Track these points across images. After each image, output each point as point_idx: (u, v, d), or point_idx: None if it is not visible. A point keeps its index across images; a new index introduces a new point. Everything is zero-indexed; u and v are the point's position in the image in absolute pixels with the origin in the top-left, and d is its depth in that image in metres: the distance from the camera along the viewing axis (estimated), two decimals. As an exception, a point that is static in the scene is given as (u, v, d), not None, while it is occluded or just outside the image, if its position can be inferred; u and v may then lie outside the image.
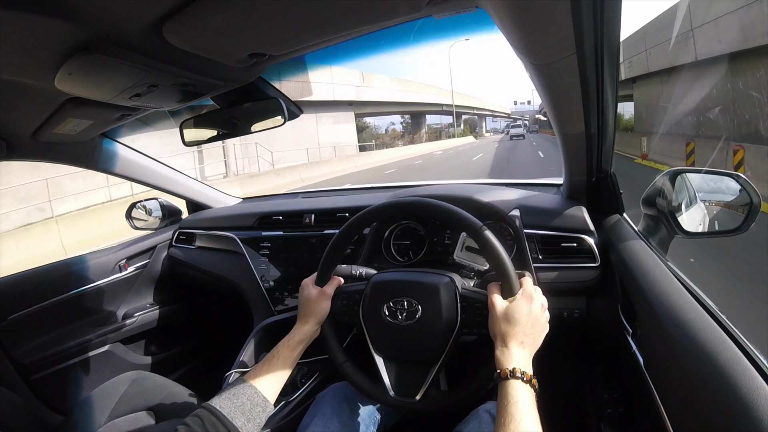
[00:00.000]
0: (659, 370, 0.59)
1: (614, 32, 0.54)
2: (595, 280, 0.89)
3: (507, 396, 0.54)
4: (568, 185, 1.00)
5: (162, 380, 1.06)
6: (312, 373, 1.08)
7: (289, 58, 0.69)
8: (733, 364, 0.45)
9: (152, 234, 1.59)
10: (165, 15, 0.50)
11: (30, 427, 0.99)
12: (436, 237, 1.05)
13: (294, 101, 0.90)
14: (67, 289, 1.32)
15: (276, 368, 0.68)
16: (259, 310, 1.27)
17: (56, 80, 0.60)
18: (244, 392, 0.63)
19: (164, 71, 0.63)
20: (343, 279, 0.79)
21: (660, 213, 0.84)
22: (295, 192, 1.73)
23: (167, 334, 1.58)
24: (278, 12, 0.52)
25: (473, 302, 0.68)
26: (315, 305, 0.73)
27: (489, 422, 0.70)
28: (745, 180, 0.77)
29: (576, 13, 0.46)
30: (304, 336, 0.72)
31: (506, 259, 0.64)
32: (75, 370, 1.29)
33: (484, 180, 1.43)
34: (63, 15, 0.47)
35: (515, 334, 0.60)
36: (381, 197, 1.21)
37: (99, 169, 1.24)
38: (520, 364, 0.57)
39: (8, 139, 0.94)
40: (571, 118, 0.71)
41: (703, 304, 0.58)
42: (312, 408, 0.78)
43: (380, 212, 0.76)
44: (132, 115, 0.89)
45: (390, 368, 0.71)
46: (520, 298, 0.62)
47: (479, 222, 0.67)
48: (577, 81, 0.59)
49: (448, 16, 0.57)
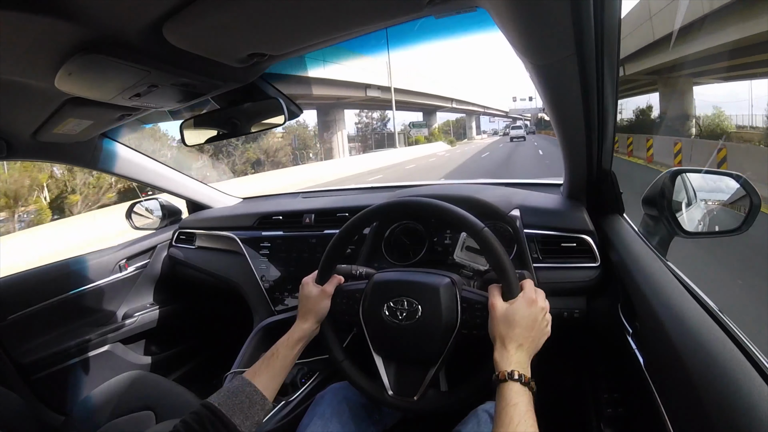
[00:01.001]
0: (659, 370, 0.59)
1: (614, 32, 0.54)
2: (595, 280, 0.89)
3: (505, 398, 0.54)
4: (568, 185, 1.00)
5: (162, 380, 1.06)
6: (312, 373, 1.08)
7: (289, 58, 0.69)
8: (733, 364, 0.45)
9: (152, 234, 1.59)
10: (165, 15, 0.50)
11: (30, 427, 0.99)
12: (436, 237, 1.05)
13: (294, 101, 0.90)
14: (67, 289, 1.32)
15: (275, 366, 0.68)
16: (259, 310, 1.27)
17: (56, 80, 0.60)
18: (243, 390, 0.63)
19: (164, 71, 0.63)
20: (344, 278, 0.79)
21: (660, 213, 0.84)
22: (295, 192, 1.73)
23: (167, 334, 1.58)
24: (278, 12, 0.52)
25: (474, 304, 0.68)
26: (315, 303, 0.73)
27: (488, 422, 0.70)
28: (745, 180, 0.77)
29: (576, 13, 0.46)
30: (304, 334, 0.72)
31: (507, 261, 0.64)
32: (75, 370, 1.29)
33: (484, 180, 1.43)
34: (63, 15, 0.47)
35: (514, 336, 0.60)
36: (381, 197, 1.21)
37: (99, 169, 1.24)
38: (518, 367, 0.57)
39: (8, 139, 0.94)
40: (571, 118, 0.71)
41: (703, 304, 0.58)
42: (311, 408, 0.78)
43: (381, 212, 0.76)
44: (132, 115, 0.89)
45: (389, 368, 0.71)
46: (520, 300, 0.62)
47: (480, 223, 0.67)
48: (577, 81, 0.59)
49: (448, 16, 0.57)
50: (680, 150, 8.56)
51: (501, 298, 0.63)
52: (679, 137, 9.67)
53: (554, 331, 0.66)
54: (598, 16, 0.49)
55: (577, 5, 0.46)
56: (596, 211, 0.96)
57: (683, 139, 9.18)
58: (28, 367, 1.20)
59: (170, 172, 1.46)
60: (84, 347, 1.31)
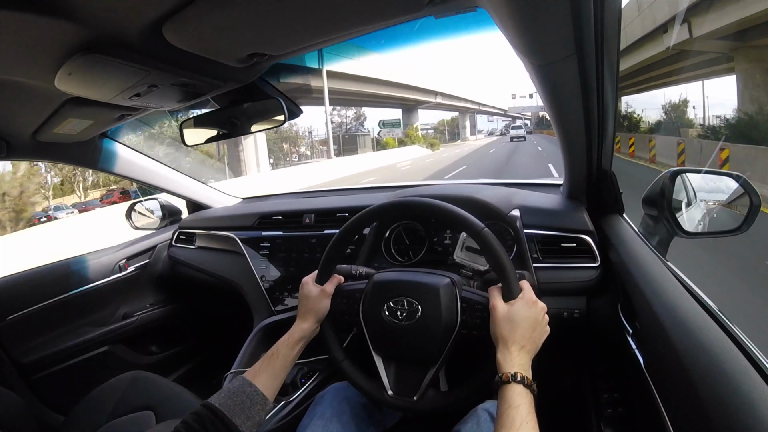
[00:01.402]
0: (659, 370, 0.59)
1: (614, 32, 0.54)
2: (595, 280, 0.89)
3: (508, 400, 0.54)
4: (568, 185, 1.00)
5: (162, 380, 1.06)
6: (312, 373, 1.08)
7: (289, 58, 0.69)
8: (733, 364, 0.45)
9: (152, 234, 1.59)
10: (165, 15, 0.50)
11: (30, 427, 0.99)
12: (436, 237, 1.05)
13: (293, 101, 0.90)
14: (67, 289, 1.32)
15: (275, 366, 0.68)
16: (259, 310, 1.27)
17: (56, 80, 0.60)
18: (244, 390, 0.63)
19: (164, 71, 0.63)
20: (344, 278, 0.79)
21: (660, 213, 0.84)
22: (295, 192, 1.73)
23: (167, 334, 1.58)
24: (278, 12, 0.52)
25: (474, 304, 0.68)
26: (315, 303, 0.73)
27: (488, 421, 0.70)
28: (745, 180, 0.78)
29: (576, 13, 0.46)
30: (304, 334, 0.72)
31: (507, 262, 0.64)
32: (75, 370, 1.29)
33: (484, 180, 1.43)
34: (63, 15, 0.47)
35: (517, 337, 0.60)
36: (381, 197, 1.21)
37: (99, 168, 1.24)
38: (521, 368, 0.57)
39: (8, 139, 0.94)
40: (571, 118, 0.71)
41: (703, 304, 0.58)
42: (312, 408, 0.78)
43: (381, 212, 0.76)
44: (132, 115, 0.89)
45: (389, 368, 0.71)
46: (521, 301, 0.62)
47: (481, 223, 0.67)
48: (577, 81, 0.59)
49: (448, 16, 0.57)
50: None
51: (501, 299, 0.63)
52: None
53: (554, 331, 0.66)
54: (598, 16, 0.49)
55: (577, 5, 0.46)
56: (596, 211, 0.96)
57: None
58: (28, 367, 1.20)
59: (170, 172, 1.47)
60: (84, 347, 1.31)
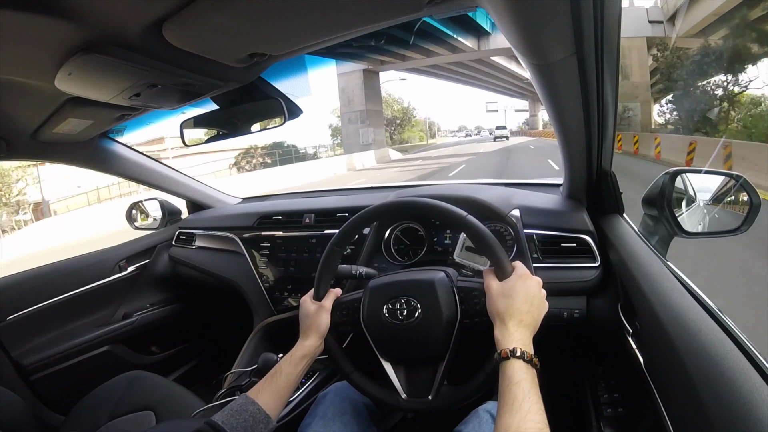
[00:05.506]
0: (659, 370, 0.59)
1: (614, 32, 0.54)
2: (595, 280, 0.89)
3: (509, 377, 0.53)
4: (568, 185, 1.00)
5: (162, 380, 1.06)
6: (312, 372, 1.08)
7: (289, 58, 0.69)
8: (733, 364, 0.45)
9: (152, 234, 1.59)
10: (165, 15, 0.50)
11: (30, 427, 0.99)
12: (436, 237, 1.05)
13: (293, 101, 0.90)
14: (67, 289, 1.32)
15: (278, 384, 0.68)
16: (259, 310, 1.27)
17: (56, 80, 0.60)
18: (247, 409, 0.63)
19: (164, 71, 0.63)
20: (344, 279, 0.79)
21: (660, 213, 0.84)
22: (295, 192, 1.73)
23: (167, 334, 1.58)
24: (278, 12, 0.52)
25: (470, 291, 0.68)
26: (315, 320, 0.73)
27: (489, 422, 0.70)
28: (745, 180, 0.77)
29: (576, 13, 0.46)
30: (307, 351, 0.71)
31: (495, 243, 0.64)
32: (75, 370, 1.29)
33: (484, 180, 1.43)
34: (63, 15, 0.47)
35: (513, 312, 0.59)
36: (381, 197, 1.21)
37: (99, 168, 1.24)
38: (520, 344, 0.56)
39: (8, 139, 0.94)
40: (571, 118, 0.71)
41: (703, 304, 0.58)
42: (313, 408, 0.78)
43: (366, 218, 0.75)
44: (132, 115, 0.89)
45: (399, 372, 0.70)
46: (514, 275, 0.63)
47: (462, 212, 0.67)
48: (577, 81, 0.59)
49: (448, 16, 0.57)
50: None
51: (496, 279, 0.64)
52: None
53: (554, 331, 0.66)
54: (598, 16, 0.49)
55: (577, 5, 0.46)
56: (596, 211, 0.96)
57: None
58: (27, 368, 1.20)
59: (170, 172, 1.47)
60: (84, 347, 1.31)
